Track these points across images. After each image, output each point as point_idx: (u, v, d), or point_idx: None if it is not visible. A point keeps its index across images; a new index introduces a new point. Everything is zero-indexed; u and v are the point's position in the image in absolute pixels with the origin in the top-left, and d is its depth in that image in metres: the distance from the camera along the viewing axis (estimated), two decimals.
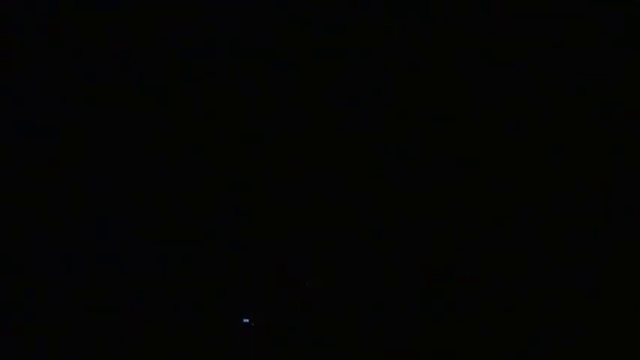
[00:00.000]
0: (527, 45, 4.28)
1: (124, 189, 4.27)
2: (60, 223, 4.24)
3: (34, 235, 4.22)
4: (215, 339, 4.19)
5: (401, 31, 4.33)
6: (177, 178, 4.29)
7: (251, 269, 4.26)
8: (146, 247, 4.24)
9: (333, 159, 4.30)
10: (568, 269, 4.17)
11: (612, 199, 4.19)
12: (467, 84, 4.29)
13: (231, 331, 4.20)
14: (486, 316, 4.16)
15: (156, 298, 4.21)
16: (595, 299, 4.13)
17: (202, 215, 4.28)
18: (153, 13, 4.33)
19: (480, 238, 4.22)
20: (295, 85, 4.33)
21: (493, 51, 4.29)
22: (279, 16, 4.33)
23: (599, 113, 4.25)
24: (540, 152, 4.24)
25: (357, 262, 4.24)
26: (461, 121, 4.28)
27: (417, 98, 4.31)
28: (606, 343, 4.09)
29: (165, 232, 4.26)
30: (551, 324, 4.12)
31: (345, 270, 4.24)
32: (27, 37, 4.30)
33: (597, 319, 4.11)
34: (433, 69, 4.31)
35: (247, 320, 4.18)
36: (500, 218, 4.22)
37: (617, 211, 4.18)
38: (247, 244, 4.27)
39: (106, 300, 4.20)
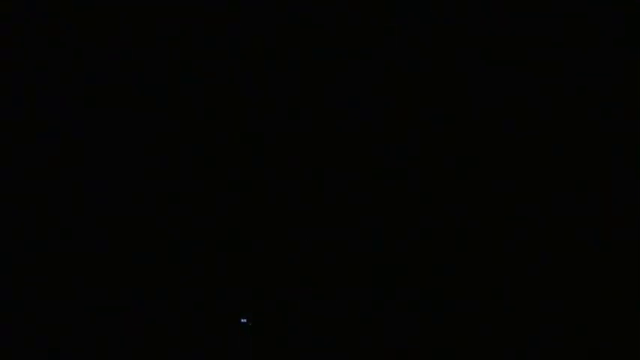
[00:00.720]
0: (527, 45, 4.28)
1: (124, 189, 4.27)
2: (60, 222, 4.24)
3: (33, 235, 4.22)
4: (212, 339, 4.20)
5: (401, 31, 4.33)
6: (177, 178, 4.30)
7: (250, 269, 4.26)
8: (145, 247, 4.25)
9: (333, 159, 4.30)
10: (568, 269, 4.17)
11: (612, 199, 4.19)
12: (467, 84, 4.30)
13: (228, 331, 4.20)
14: (486, 316, 4.16)
15: (153, 298, 4.21)
16: (595, 299, 4.13)
17: (202, 215, 4.28)
18: (153, 13, 4.33)
19: (480, 238, 4.22)
20: (295, 85, 4.33)
21: (493, 51, 4.29)
22: (279, 16, 4.34)
23: (599, 113, 4.25)
24: (540, 152, 4.24)
25: (357, 261, 4.24)
26: (461, 121, 4.29)
27: (417, 98, 4.31)
28: (606, 343, 4.09)
29: (165, 232, 4.26)
30: (551, 324, 4.13)
31: (345, 269, 4.24)
32: (27, 37, 4.30)
33: (597, 319, 4.11)
34: (433, 69, 4.31)
35: (245, 320, 4.18)
36: (501, 218, 4.22)
37: (617, 211, 4.18)
38: (247, 244, 4.27)
39: (104, 299, 4.20)
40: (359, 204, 4.27)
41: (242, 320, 4.19)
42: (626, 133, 4.23)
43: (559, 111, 4.26)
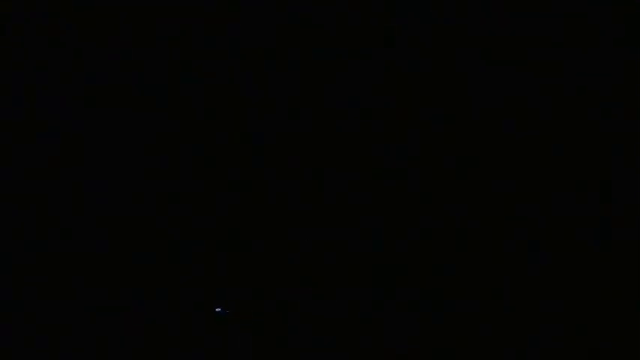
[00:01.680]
0: (527, 45, 4.28)
1: (124, 189, 4.27)
2: (60, 222, 4.24)
3: (33, 235, 4.22)
4: (212, 339, 4.20)
5: (401, 31, 4.33)
6: (177, 178, 4.29)
7: (250, 269, 4.26)
8: (145, 247, 4.24)
9: (333, 159, 4.30)
10: (568, 269, 4.17)
11: (612, 199, 4.19)
12: (467, 84, 4.29)
13: (228, 331, 4.20)
14: (486, 316, 4.16)
15: (153, 298, 4.21)
16: (595, 299, 4.13)
17: (202, 215, 4.27)
18: (153, 13, 4.33)
19: (480, 238, 4.22)
20: (295, 85, 4.33)
21: (493, 51, 4.29)
22: (279, 16, 4.33)
23: (599, 113, 4.25)
24: (540, 152, 4.24)
25: (357, 261, 4.24)
26: (461, 121, 4.28)
27: (417, 98, 4.31)
28: (606, 343, 4.09)
29: (165, 232, 4.26)
30: (551, 324, 4.12)
31: (345, 269, 4.23)
32: (27, 37, 4.30)
33: (597, 319, 4.11)
34: (433, 69, 4.31)
35: (220, 309, 4.17)
36: (501, 218, 4.22)
37: (617, 211, 4.18)
38: (247, 244, 4.27)
39: (104, 299, 4.20)
40: (359, 204, 4.27)
41: (217, 309, 4.18)
42: (626, 133, 4.22)
43: (559, 111, 4.26)
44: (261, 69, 4.34)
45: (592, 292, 4.14)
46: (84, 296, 4.19)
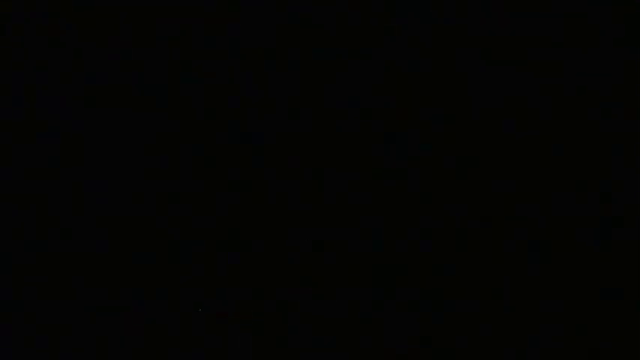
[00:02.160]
0: (527, 45, 4.28)
1: (124, 189, 4.27)
2: (60, 222, 4.24)
3: (34, 235, 4.22)
4: (212, 339, 4.20)
5: (401, 31, 4.33)
6: (177, 178, 4.29)
7: (250, 269, 4.26)
8: (145, 247, 4.24)
9: (333, 159, 4.30)
10: (568, 269, 4.17)
11: (612, 199, 4.19)
12: (467, 84, 4.30)
13: (228, 331, 4.20)
14: (486, 316, 4.16)
15: (153, 298, 4.21)
16: (595, 299, 4.13)
17: (202, 215, 4.27)
18: (153, 13, 4.33)
19: (480, 238, 4.22)
20: (295, 85, 4.33)
21: (493, 51, 4.29)
22: (279, 16, 4.34)
23: (599, 113, 4.25)
24: (540, 152, 4.24)
25: (357, 261, 4.24)
26: (461, 121, 4.29)
27: (417, 98, 4.31)
28: (606, 343, 4.09)
29: (165, 232, 4.26)
30: (551, 324, 4.12)
31: (345, 269, 4.23)
32: (27, 37, 4.30)
33: (597, 319, 4.11)
34: (433, 69, 4.31)
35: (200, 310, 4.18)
36: (501, 218, 4.22)
37: (617, 211, 4.18)
38: (247, 244, 4.26)
39: (104, 299, 4.20)
40: (359, 204, 4.27)
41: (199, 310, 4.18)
42: (626, 133, 4.23)
43: (559, 111, 4.26)
44: (261, 69, 4.34)
45: (592, 292, 4.14)
46: (84, 296, 4.19)
